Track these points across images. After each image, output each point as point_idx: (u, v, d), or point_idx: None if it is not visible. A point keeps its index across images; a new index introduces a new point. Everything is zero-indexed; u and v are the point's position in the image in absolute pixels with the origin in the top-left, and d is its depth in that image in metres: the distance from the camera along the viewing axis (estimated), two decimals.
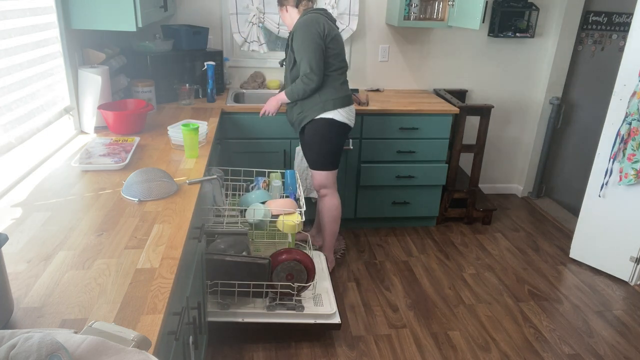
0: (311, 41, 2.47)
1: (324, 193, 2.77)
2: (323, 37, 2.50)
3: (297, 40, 2.51)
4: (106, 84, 2.41)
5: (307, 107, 2.62)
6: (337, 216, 2.82)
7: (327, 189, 2.75)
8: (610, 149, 2.85)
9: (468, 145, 3.48)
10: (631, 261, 2.93)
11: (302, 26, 2.50)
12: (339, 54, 2.58)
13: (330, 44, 2.53)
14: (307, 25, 2.49)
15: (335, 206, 2.79)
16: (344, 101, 2.62)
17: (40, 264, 1.26)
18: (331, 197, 2.78)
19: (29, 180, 1.80)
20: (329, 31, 2.52)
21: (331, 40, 2.53)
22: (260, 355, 2.29)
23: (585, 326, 2.59)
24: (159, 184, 1.71)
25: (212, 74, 3.04)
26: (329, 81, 2.57)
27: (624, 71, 2.77)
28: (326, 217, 2.81)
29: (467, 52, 3.71)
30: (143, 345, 0.87)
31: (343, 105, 2.61)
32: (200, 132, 2.18)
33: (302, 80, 2.53)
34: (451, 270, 3.04)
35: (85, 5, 2.23)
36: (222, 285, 2.20)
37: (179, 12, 3.33)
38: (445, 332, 2.50)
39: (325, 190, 2.76)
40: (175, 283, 1.24)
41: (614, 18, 3.74)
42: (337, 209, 2.80)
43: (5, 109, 1.74)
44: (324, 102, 2.58)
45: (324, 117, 2.60)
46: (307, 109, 2.62)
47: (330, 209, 2.79)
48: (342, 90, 2.62)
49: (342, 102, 2.61)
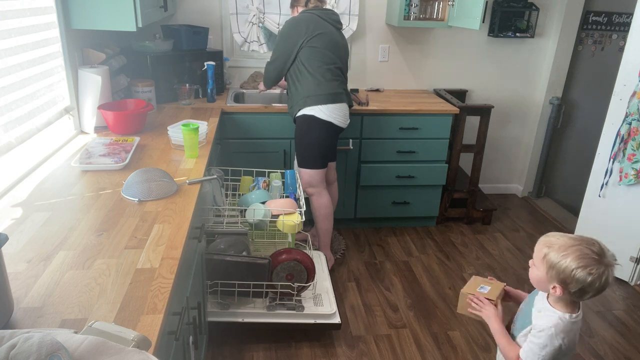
0: (285, 42, 2.60)
1: (311, 192, 2.76)
2: (302, 37, 2.55)
3: (279, 35, 2.68)
4: (106, 84, 2.41)
5: (292, 102, 2.69)
6: (328, 214, 2.81)
7: (314, 187, 2.74)
8: (610, 149, 2.85)
9: (468, 145, 3.48)
10: (631, 261, 2.93)
11: (288, 24, 2.62)
12: (323, 51, 2.57)
13: (313, 41, 2.55)
14: (289, 25, 2.61)
15: (324, 205, 2.78)
16: (328, 98, 2.58)
17: (40, 264, 1.26)
18: (318, 197, 2.77)
19: (29, 180, 1.80)
20: (314, 29, 2.55)
21: (314, 38, 2.55)
22: (260, 355, 2.29)
23: (585, 326, 2.59)
24: (159, 184, 1.71)
25: (212, 74, 3.04)
26: (311, 77, 2.57)
27: (624, 71, 2.77)
28: (316, 216, 2.81)
29: (467, 52, 3.70)
30: (143, 345, 0.87)
31: (326, 102, 2.58)
32: (200, 132, 2.18)
33: (265, 69, 2.75)
34: (451, 270, 3.04)
35: (85, 5, 2.23)
36: (222, 285, 2.20)
37: (179, 12, 3.33)
38: (445, 332, 2.50)
39: (312, 189, 2.75)
40: (175, 283, 1.24)
41: (614, 18, 3.74)
42: (326, 207, 2.79)
43: (5, 109, 1.74)
44: (305, 98, 2.59)
45: (305, 113, 2.61)
46: (293, 104, 2.69)
47: (319, 207, 2.78)
48: (327, 87, 2.58)
49: (325, 99, 2.58)
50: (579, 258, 1.26)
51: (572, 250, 1.28)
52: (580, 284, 1.27)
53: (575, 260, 1.26)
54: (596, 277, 1.25)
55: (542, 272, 1.35)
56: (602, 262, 1.26)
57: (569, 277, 1.27)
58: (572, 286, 1.28)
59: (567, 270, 1.27)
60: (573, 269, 1.26)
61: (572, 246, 1.29)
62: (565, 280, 1.29)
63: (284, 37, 2.62)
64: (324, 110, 2.59)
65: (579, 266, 1.26)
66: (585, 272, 1.25)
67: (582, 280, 1.26)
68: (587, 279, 1.25)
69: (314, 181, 2.73)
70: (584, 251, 1.27)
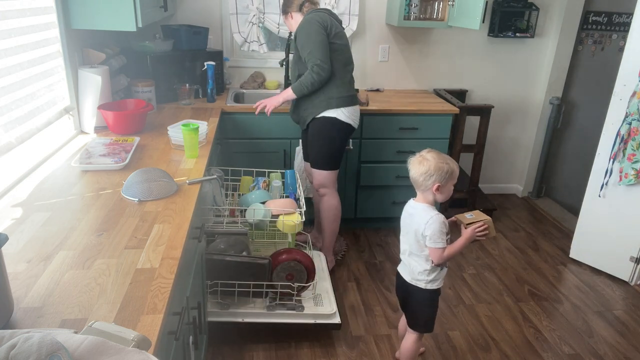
0: (316, 33, 2.45)
1: (323, 192, 2.76)
2: (327, 31, 2.48)
3: (301, 36, 2.50)
4: (106, 84, 2.41)
5: (311, 104, 2.60)
6: (337, 216, 2.81)
7: (327, 188, 2.74)
8: (610, 149, 2.85)
9: (468, 145, 3.48)
10: (631, 261, 2.93)
11: (304, 23, 2.50)
12: (343, 50, 2.56)
13: (335, 39, 2.51)
14: (309, 22, 2.48)
15: (335, 206, 2.79)
16: (348, 100, 2.59)
17: (40, 264, 1.26)
18: (330, 197, 2.77)
19: (29, 180, 1.80)
20: (332, 27, 2.51)
21: (335, 36, 2.51)
22: (260, 355, 2.29)
23: (585, 326, 2.59)
24: (159, 184, 1.71)
25: (212, 74, 3.04)
26: (333, 78, 2.54)
27: (624, 71, 2.77)
28: (325, 217, 2.80)
29: (467, 52, 3.70)
30: (143, 345, 0.87)
31: (347, 105, 2.58)
32: (200, 132, 2.18)
33: (313, 70, 2.46)
34: (451, 270, 3.04)
35: (85, 5, 2.23)
36: (222, 285, 2.20)
37: (179, 12, 3.33)
38: (445, 332, 2.50)
39: (325, 190, 2.75)
40: (175, 283, 1.24)
41: (614, 18, 3.74)
42: (336, 208, 2.79)
43: (5, 109, 1.74)
44: (328, 100, 2.56)
45: (326, 115, 2.58)
46: (311, 107, 2.60)
47: (329, 208, 2.78)
48: (347, 89, 2.59)
49: (346, 101, 2.58)
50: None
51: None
52: None
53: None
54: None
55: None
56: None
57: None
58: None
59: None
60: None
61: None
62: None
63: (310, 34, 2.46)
64: (345, 112, 2.58)
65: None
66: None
67: None
68: None
69: (328, 182, 2.72)
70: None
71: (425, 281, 1.93)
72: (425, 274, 1.92)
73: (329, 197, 2.76)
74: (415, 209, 1.92)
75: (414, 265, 1.94)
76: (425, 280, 1.93)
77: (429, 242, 1.84)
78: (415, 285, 1.95)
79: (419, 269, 1.93)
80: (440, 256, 1.86)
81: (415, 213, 1.91)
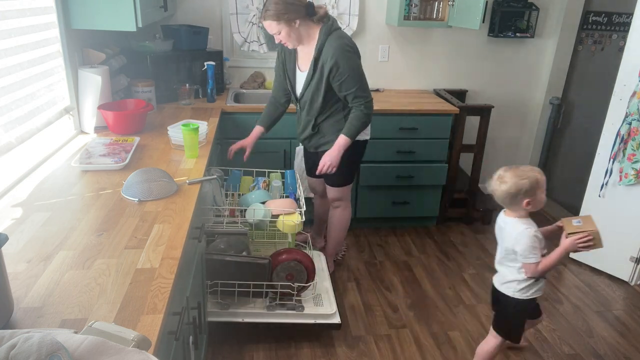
0: (359, 67, 2.32)
1: (337, 205, 2.72)
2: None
3: (343, 69, 2.25)
4: (106, 84, 2.41)
5: (333, 131, 2.44)
6: (347, 227, 2.81)
7: (344, 201, 2.72)
8: (610, 149, 2.85)
9: (468, 145, 3.48)
10: (631, 261, 2.93)
11: (343, 52, 2.23)
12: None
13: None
14: (348, 51, 2.26)
15: (347, 218, 2.77)
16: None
17: (40, 264, 1.26)
18: (344, 210, 2.74)
19: (29, 180, 1.80)
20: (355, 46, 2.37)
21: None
22: (260, 355, 2.29)
23: (585, 326, 2.59)
24: (159, 184, 1.71)
25: (212, 74, 3.04)
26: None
27: (623, 71, 2.77)
28: (335, 227, 2.78)
29: (467, 52, 3.70)
30: (143, 345, 0.87)
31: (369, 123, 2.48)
32: (200, 132, 2.18)
33: (363, 110, 2.31)
34: (451, 270, 3.04)
35: (85, 5, 2.23)
36: (222, 285, 2.20)
37: (179, 12, 3.33)
38: (445, 332, 2.50)
39: (340, 202, 2.71)
40: (175, 283, 1.24)
41: (614, 18, 3.74)
42: (347, 220, 2.78)
43: (5, 109, 1.74)
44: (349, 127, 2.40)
45: (357, 139, 2.44)
46: (335, 138, 2.40)
47: (342, 220, 2.76)
48: None
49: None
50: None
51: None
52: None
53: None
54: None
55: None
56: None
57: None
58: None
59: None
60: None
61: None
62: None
63: (354, 68, 2.29)
64: (366, 131, 2.51)
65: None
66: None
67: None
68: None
69: (346, 195, 2.69)
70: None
71: (513, 289, 1.90)
72: (515, 283, 1.89)
73: (343, 209, 2.74)
74: (506, 223, 1.90)
75: (506, 273, 1.92)
76: (513, 289, 1.90)
77: (521, 258, 1.82)
78: (503, 292, 1.93)
79: (509, 278, 1.90)
80: (534, 270, 1.82)
81: (505, 228, 1.89)
